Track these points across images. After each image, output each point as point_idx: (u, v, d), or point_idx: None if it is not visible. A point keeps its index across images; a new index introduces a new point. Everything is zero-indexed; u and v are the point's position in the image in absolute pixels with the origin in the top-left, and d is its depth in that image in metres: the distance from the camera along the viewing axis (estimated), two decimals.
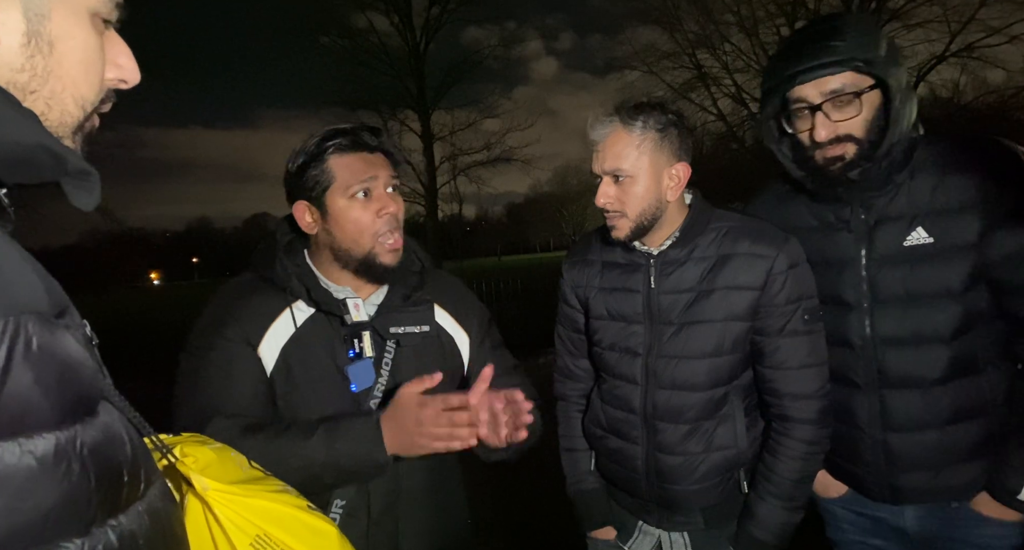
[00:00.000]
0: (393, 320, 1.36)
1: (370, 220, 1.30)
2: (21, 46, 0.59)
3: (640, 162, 1.40)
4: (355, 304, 1.33)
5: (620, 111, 1.42)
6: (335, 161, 1.29)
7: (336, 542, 0.86)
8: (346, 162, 1.29)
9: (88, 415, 0.55)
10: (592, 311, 1.59)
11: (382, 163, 1.33)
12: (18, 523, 0.49)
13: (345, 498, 1.29)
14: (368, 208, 1.30)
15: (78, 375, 0.54)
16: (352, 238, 1.30)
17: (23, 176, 0.60)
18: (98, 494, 0.54)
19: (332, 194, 1.29)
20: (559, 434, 1.73)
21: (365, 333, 1.33)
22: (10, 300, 0.50)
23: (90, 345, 0.65)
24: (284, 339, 1.31)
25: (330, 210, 1.30)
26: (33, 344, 0.50)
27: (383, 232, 1.31)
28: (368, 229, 1.30)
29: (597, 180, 1.46)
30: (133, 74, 0.70)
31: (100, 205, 0.65)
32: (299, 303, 1.33)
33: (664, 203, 1.44)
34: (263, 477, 0.88)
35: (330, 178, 1.29)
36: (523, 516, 3.57)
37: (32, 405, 0.50)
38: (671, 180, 1.43)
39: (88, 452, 0.53)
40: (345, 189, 1.28)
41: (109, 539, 0.55)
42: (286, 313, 1.32)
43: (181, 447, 0.80)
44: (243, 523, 0.80)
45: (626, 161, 1.40)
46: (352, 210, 1.29)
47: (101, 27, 0.66)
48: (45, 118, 0.62)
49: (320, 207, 1.31)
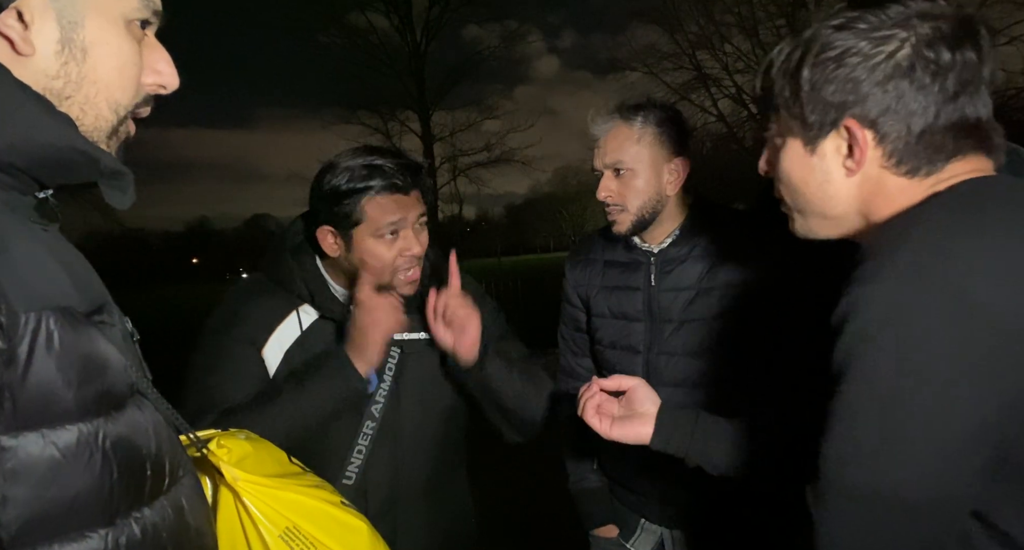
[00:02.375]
0: None
1: (392, 258, 1.30)
2: (56, 53, 0.61)
3: (640, 155, 1.43)
4: None
5: (620, 107, 1.45)
6: (369, 202, 1.27)
7: (367, 538, 0.87)
8: (380, 204, 1.27)
9: (114, 409, 0.57)
10: (594, 309, 1.60)
11: (415, 203, 1.32)
12: (42, 511, 0.51)
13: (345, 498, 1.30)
14: (393, 247, 1.30)
15: (103, 370, 0.56)
16: (373, 271, 1.30)
17: (62, 177, 0.62)
18: (120, 486, 0.55)
19: (360, 231, 1.28)
20: (561, 432, 1.74)
21: None
22: (33, 297, 0.52)
23: (130, 341, 0.66)
24: (289, 342, 1.31)
25: (355, 244, 1.30)
26: (55, 339, 0.52)
27: (403, 268, 1.32)
28: (389, 266, 1.31)
29: (597, 174, 1.48)
30: (172, 79, 0.71)
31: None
32: (306, 306, 1.34)
33: (664, 197, 1.45)
34: (300, 472, 0.89)
35: (361, 217, 1.27)
36: (526, 514, 3.58)
37: (55, 397, 0.52)
38: (671, 174, 1.45)
39: (111, 445, 0.55)
40: (375, 230, 1.28)
41: (132, 530, 0.56)
42: (292, 316, 1.33)
43: (218, 439, 0.81)
44: (273, 515, 0.81)
45: (626, 154, 1.43)
46: (377, 248, 1.29)
47: (139, 33, 0.67)
48: (80, 122, 0.63)
49: (346, 239, 1.30)
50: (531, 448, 1.40)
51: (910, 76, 0.72)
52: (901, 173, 0.76)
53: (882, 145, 0.76)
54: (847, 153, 0.78)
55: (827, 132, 0.79)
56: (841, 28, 0.75)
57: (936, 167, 0.75)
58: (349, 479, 1.31)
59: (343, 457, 1.30)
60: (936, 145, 0.74)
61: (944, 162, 0.75)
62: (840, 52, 0.75)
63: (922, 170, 0.76)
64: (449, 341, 1.30)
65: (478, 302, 1.52)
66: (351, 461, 1.30)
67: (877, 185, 0.78)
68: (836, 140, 0.79)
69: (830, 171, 0.81)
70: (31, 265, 0.54)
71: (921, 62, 0.72)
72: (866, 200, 0.80)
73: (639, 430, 1.11)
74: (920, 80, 0.72)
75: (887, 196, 0.78)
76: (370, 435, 1.31)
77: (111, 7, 0.63)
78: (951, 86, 0.72)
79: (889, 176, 0.77)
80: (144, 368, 0.68)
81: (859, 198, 0.80)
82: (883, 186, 0.78)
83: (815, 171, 0.82)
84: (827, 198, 0.83)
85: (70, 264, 0.60)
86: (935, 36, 0.72)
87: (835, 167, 0.80)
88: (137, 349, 0.69)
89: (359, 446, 1.31)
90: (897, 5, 0.73)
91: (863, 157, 0.77)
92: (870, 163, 0.77)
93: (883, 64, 0.73)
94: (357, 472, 1.31)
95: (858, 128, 0.76)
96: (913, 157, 0.75)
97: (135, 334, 0.69)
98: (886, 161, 0.76)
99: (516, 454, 2.14)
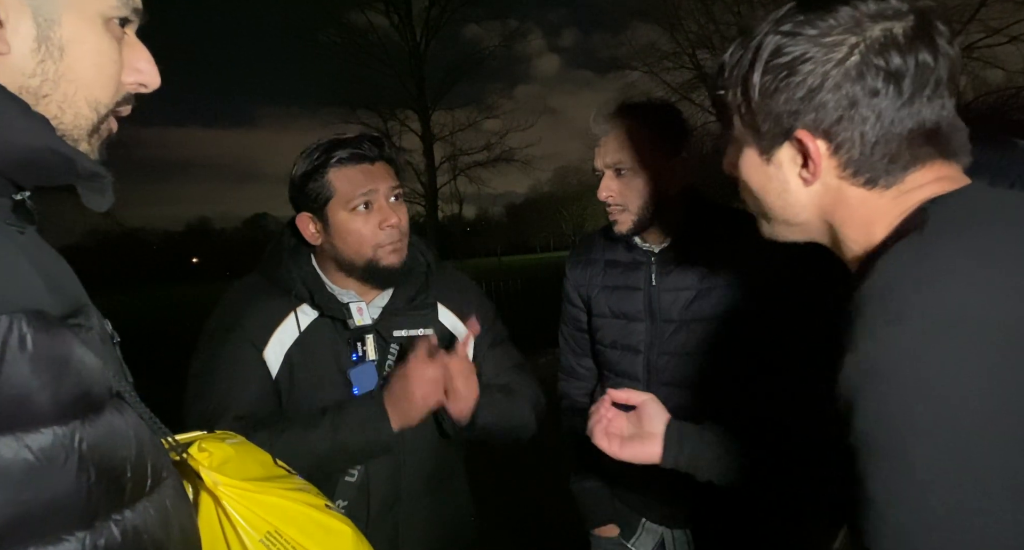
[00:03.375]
0: (396, 323, 1.37)
1: (371, 232, 1.30)
2: (32, 52, 0.60)
3: (641, 156, 1.41)
4: (358, 308, 1.34)
5: (621, 107, 1.44)
6: (335, 174, 1.29)
7: (351, 542, 0.86)
8: (346, 175, 1.29)
9: (92, 412, 0.56)
10: (594, 309, 1.60)
11: (384, 174, 1.32)
12: (16, 515, 0.50)
13: (347, 498, 1.30)
14: (369, 221, 1.30)
15: (79, 373, 0.55)
16: (354, 249, 1.31)
17: (38, 179, 0.61)
18: (98, 489, 0.55)
19: (333, 207, 1.29)
20: (563, 432, 1.74)
21: (368, 336, 1.34)
22: (4, 299, 0.51)
23: (109, 344, 0.65)
24: (289, 342, 1.32)
25: (332, 222, 1.30)
26: (28, 342, 0.51)
27: (384, 243, 1.31)
28: (369, 241, 1.30)
29: (599, 174, 1.47)
30: (153, 78, 0.70)
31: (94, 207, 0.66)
32: (304, 306, 1.34)
33: (665, 197, 1.44)
34: (286, 475, 0.88)
35: (330, 191, 1.29)
36: (526, 514, 3.58)
37: (29, 400, 0.51)
38: (672, 174, 1.43)
39: (88, 448, 0.54)
40: (346, 202, 1.28)
41: (112, 533, 0.55)
42: (291, 317, 1.33)
43: (199, 443, 0.80)
44: (254, 519, 0.80)
45: (627, 154, 1.41)
46: (353, 223, 1.29)
47: (118, 32, 0.66)
48: (59, 121, 0.63)
49: (322, 219, 1.31)
50: (532, 447, 1.39)
51: (861, 83, 0.69)
52: (859, 183, 0.74)
53: (837, 155, 0.73)
54: (802, 163, 0.76)
55: (780, 142, 0.76)
56: (791, 34, 0.72)
57: (895, 177, 0.72)
58: (352, 476, 1.31)
59: None
60: (893, 154, 0.71)
61: (903, 171, 0.72)
62: (790, 59, 0.72)
63: (881, 180, 0.73)
64: (443, 402, 1.26)
65: (478, 305, 1.52)
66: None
67: (837, 195, 0.75)
68: (790, 150, 0.76)
69: (787, 180, 0.78)
70: (2, 268, 0.53)
71: (872, 69, 0.69)
72: (828, 210, 0.77)
73: (649, 450, 1.14)
74: (872, 87, 0.69)
75: (849, 207, 0.75)
76: None
77: (89, 5, 0.63)
78: (905, 91, 0.69)
79: (848, 187, 0.74)
80: (125, 371, 0.68)
81: (820, 207, 0.77)
82: (843, 196, 0.75)
83: (772, 180, 0.79)
84: (787, 206, 0.80)
85: (46, 267, 0.59)
86: (886, 40, 0.69)
87: (792, 177, 0.78)
88: (117, 352, 0.68)
89: None
90: (847, 7, 0.70)
91: (817, 168, 0.74)
92: (827, 173, 0.74)
93: (833, 71, 0.70)
94: (360, 469, 1.31)
95: (810, 139, 0.73)
96: (870, 167, 0.72)
97: (115, 336, 0.69)
98: (843, 171, 0.73)
99: (517, 453, 2.14)
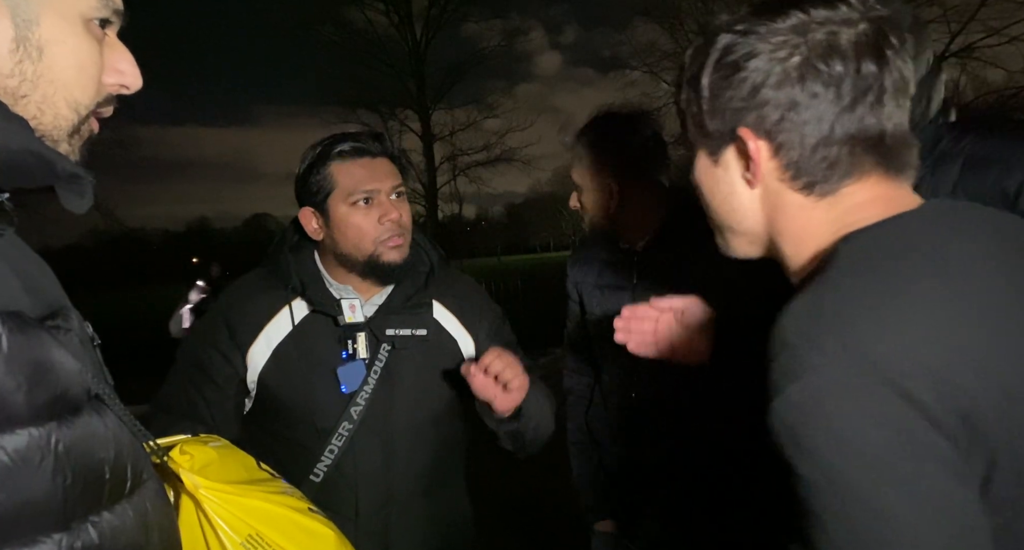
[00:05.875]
0: (389, 322, 1.35)
1: (371, 226, 1.30)
2: (10, 52, 0.60)
3: (583, 176, 1.54)
4: (351, 305, 1.33)
5: (585, 127, 1.57)
6: (337, 168, 1.30)
7: (333, 545, 0.86)
8: (347, 169, 1.30)
9: (69, 414, 0.56)
10: (587, 306, 1.65)
11: (386, 169, 1.33)
12: None
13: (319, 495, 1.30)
14: (370, 215, 1.30)
15: (56, 375, 0.55)
16: (354, 244, 1.31)
17: (17, 181, 0.61)
18: (75, 490, 0.55)
19: (334, 200, 1.30)
20: (567, 427, 1.77)
21: (360, 334, 1.33)
22: None
23: (89, 346, 0.65)
24: (281, 336, 1.32)
25: (332, 216, 1.31)
26: (3, 342, 0.51)
27: (384, 238, 1.31)
28: (369, 235, 1.30)
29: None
30: (134, 80, 0.70)
31: (94, 206, 0.65)
32: (299, 301, 1.34)
33: (614, 213, 1.51)
34: (269, 479, 0.87)
35: (332, 185, 1.29)
36: (528, 507, 3.59)
37: (4, 402, 0.51)
38: (608, 194, 1.50)
39: (64, 449, 0.54)
40: (346, 196, 1.29)
41: (89, 535, 0.55)
42: (285, 310, 1.33)
43: (181, 446, 0.79)
44: (235, 522, 0.79)
45: (575, 174, 1.56)
46: (353, 217, 1.29)
47: (98, 33, 0.66)
48: (38, 122, 0.63)
49: (323, 213, 1.32)
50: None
51: (801, 85, 0.69)
52: (797, 188, 0.73)
53: (778, 156, 0.72)
54: (745, 165, 0.75)
55: (728, 142, 0.76)
56: (742, 33, 0.72)
57: (833, 185, 0.72)
58: (316, 476, 1.30)
59: (317, 455, 1.30)
60: (833, 159, 0.70)
61: (840, 180, 0.71)
62: (738, 57, 0.71)
63: (818, 187, 0.72)
64: (490, 394, 1.24)
65: (483, 308, 1.51)
66: (321, 459, 1.30)
67: (777, 200, 0.75)
68: (735, 150, 0.76)
69: (733, 183, 0.77)
70: None
71: (811, 72, 0.68)
72: (769, 217, 0.76)
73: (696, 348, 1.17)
74: (811, 89, 0.69)
75: (787, 213, 0.75)
76: (345, 436, 1.30)
77: (68, 6, 0.63)
78: (845, 96, 0.68)
79: (787, 191, 0.74)
80: (105, 373, 0.67)
81: (763, 213, 0.77)
82: (783, 202, 0.74)
83: (720, 183, 0.79)
84: (733, 211, 0.79)
85: (23, 269, 0.59)
86: (828, 45, 0.68)
87: (737, 179, 0.77)
88: (98, 354, 0.68)
89: (332, 446, 1.30)
90: (798, 11, 0.69)
91: (758, 169, 0.73)
92: (768, 176, 0.74)
93: (776, 69, 0.69)
94: (325, 470, 1.31)
95: (752, 138, 0.72)
96: (810, 171, 0.71)
97: (96, 339, 0.69)
98: (783, 174, 0.73)
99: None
